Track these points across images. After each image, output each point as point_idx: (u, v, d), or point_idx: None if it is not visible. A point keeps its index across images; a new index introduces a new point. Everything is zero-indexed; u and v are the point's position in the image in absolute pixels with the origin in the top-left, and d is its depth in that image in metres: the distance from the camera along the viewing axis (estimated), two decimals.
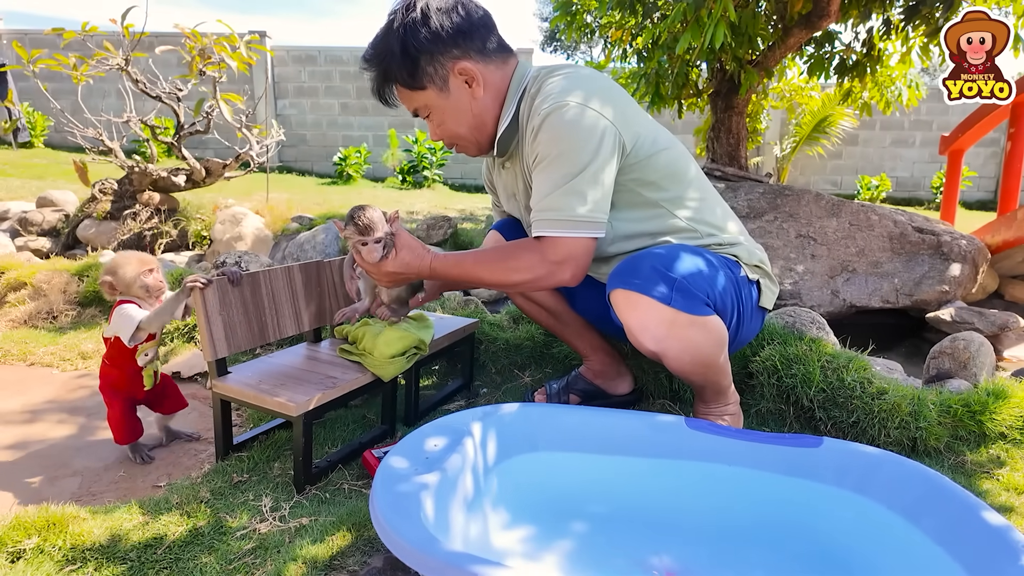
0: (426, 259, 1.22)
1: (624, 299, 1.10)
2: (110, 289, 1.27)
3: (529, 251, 1.14)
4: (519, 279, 1.16)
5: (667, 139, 1.20)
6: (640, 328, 1.10)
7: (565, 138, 1.07)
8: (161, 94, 3.35)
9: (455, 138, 1.20)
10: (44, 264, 2.33)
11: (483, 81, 1.13)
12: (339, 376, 1.23)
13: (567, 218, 1.09)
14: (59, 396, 1.59)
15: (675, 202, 1.20)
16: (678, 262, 1.10)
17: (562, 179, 1.08)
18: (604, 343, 1.53)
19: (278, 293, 1.30)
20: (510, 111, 1.17)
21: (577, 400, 1.52)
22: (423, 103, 1.15)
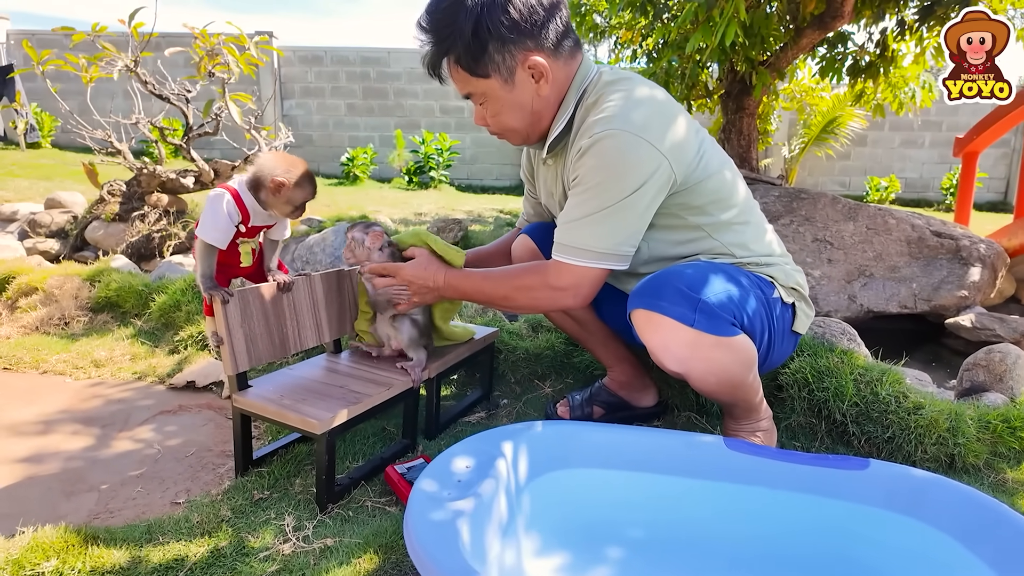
0: (439, 272, 1.20)
1: (645, 320, 1.06)
2: (252, 176, 1.15)
3: (535, 273, 1.13)
4: (521, 300, 1.14)
5: (719, 162, 1.16)
6: (661, 349, 1.07)
7: (611, 168, 1.02)
8: (170, 95, 3.33)
9: (505, 130, 1.17)
10: (55, 269, 2.31)
11: (551, 78, 1.09)
12: (362, 391, 1.20)
13: (585, 248, 1.06)
14: (73, 406, 1.56)
15: (717, 226, 1.16)
16: (703, 281, 1.06)
17: (594, 209, 1.04)
18: (629, 354, 1.49)
19: (299, 303, 1.27)
20: (567, 113, 1.13)
21: (600, 412, 1.48)
22: (481, 91, 1.09)
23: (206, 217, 1.13)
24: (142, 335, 1.98)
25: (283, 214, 1.21)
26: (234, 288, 1.15)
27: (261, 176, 1.15)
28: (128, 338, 1.96)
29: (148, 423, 1.48)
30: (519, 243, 1.43)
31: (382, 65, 8.61)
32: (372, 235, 1.26)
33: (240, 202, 1.15)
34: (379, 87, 8.62)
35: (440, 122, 8.64)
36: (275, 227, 1.26)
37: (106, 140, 3.32)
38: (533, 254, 1.38)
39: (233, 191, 1.14)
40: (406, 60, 8.60)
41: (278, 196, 1.15)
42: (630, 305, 1.09)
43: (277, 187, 1.14)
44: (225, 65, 3.29)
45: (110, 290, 2.10)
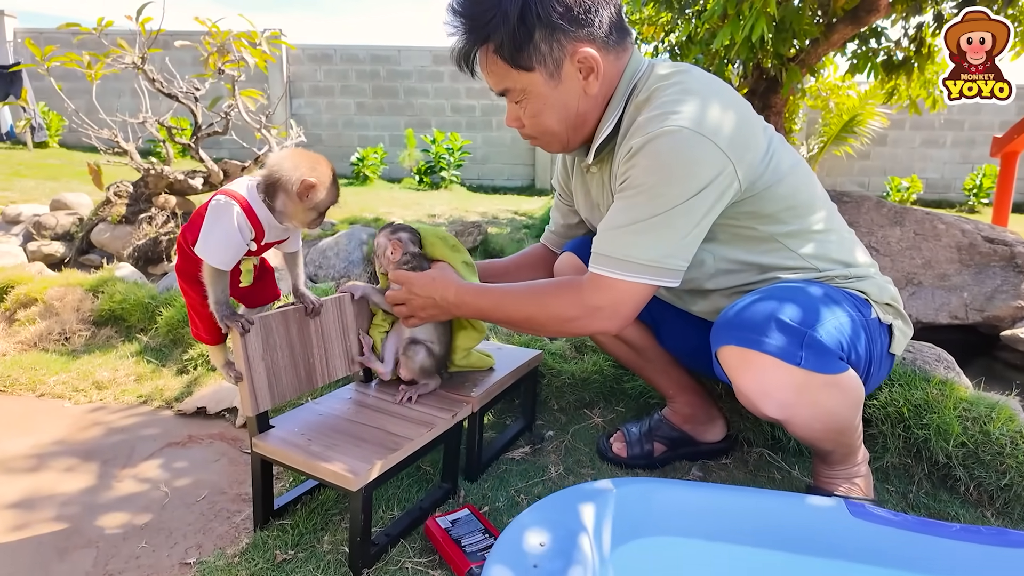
0: (450, 286, 1.05)
1: (739, 359, 0.90)
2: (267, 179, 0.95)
3: (568, 289, 0.97)
4: (548, 321, 0.98)
5: (790, 161, 0.99)
6: (759, 393, 0.90)
7: (666, 169, 0.87)
8: (178, 93, 3.20)
9: (543, 133, 1.01)
10: (56, 279, 2.16)
11: (601, 73, 0.94)
12: (400, 432, 1.03)
13: (628, 259, 0.90)
14: (70, 436, 1.41)
15: (794, 236, 1.00)
16: (804, 307, 0.89)
17: (644, 215, 0.89)
18: (693, 382, 1.32)
19: (328, 329, 1.11)
20: (615, 113, 0.97)
21: (662, 449, 1.31)
22: (520, 86, 0.95)
23: (211, 235, 0.91)
24: (148, 352, 1.82)
25: (304, 222, 0.99)
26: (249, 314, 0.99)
27: (283, 178, 0.94)
28: (133, 356, 1.80)
29: (154, 457, 1.32)
30: (563, 261, 1.27)
31: (392, 63, 8.48)
32: (393, 244, 1.12)
33: (252, 215, 0.94)
34: (389, 86, 8.49)
35: (451, 121, 8.51)
36: (290, 239, 1.07)
37: (112, 140, 3.19)
38: (579, 272, 1.21)
39: (242, 201, 0.93)
40: (416, 58, 8.47)
41: (305, 201, 0.95)
42: (717, 340, 0.93)
43: (307, 189, 0.94)
44: (235, 63, 3.16)
45: (114, 302, 1.95)
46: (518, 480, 1.22)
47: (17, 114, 7.31)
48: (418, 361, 1.16)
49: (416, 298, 1.09)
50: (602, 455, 1.32)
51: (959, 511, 1.14)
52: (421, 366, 1.16)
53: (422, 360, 1.16)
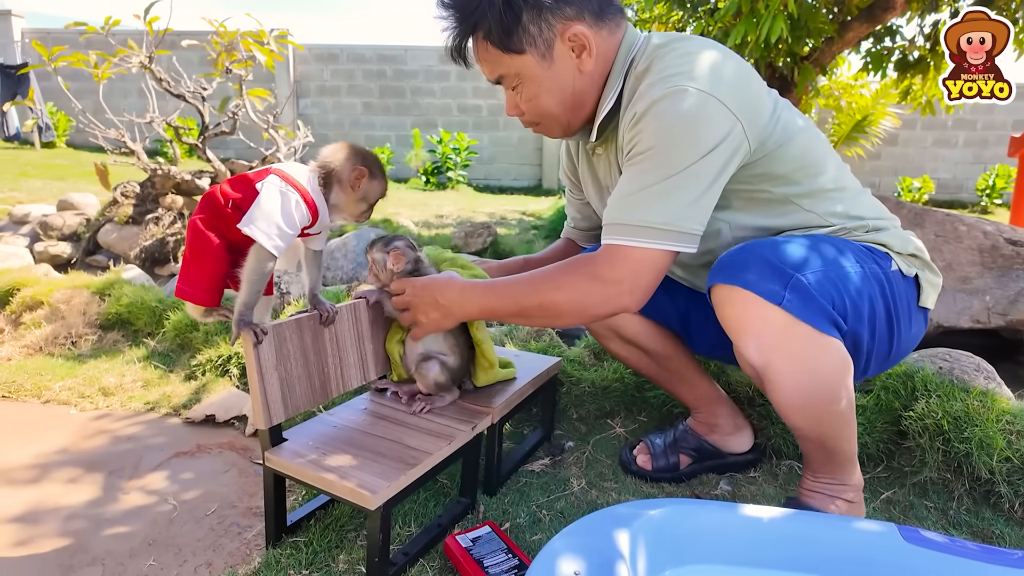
0: (452, 284, 1.02)
1: (725, 296, 0.89)
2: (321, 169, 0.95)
3: (579, 266, 0.93)
4: (562, 304, 0.93)
5: (798, 124, 0.97)
6: (739, 331, 0.89)
7: (674, 130, 0.85)
8: (185, 93, 3.17)
9: (542, 117, 0.99)
10: (62, 281, 2.13)
11: (594, 51, 0.92)
12: (419, 446, 0.98)
13: (641, 223, 0.86)
14: (75, 444, 1.37)
15: (809, 196, 0.97)
16: (799, 254, 0.88)
17: (655, 179, 0.86)
18: (717, 392, 1.27)
19: (342, 336, 1.06)
20: (615, 88, 0.95)
21: (688, 461, 1.26)
22: (514, 71, 0.94)
23: (271, 217, 0.87)
24: (155, 357, 1.78)
25: (354, 214, 1.00)
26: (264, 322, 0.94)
27: (337, 167, 0.96)
28: (140, 361, 1.76)
29: (161, 468, 1.28)
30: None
31: (399, 63, 8.45)
32: (393, 255, 1.05)
33: (311, 204, 0.93)
34: (396, 85, 8.47)
35: (458, 121, 8.48)
36: (318, 235, 1.03)
37: (119, 140, 3.17)
38: None
39: (300, 187, 0.91)
40: (423, 58, 8.44)
41: (356, 191, 0.97)
42: (709, 279, 0.91)
43: (360, 177, 0.96)
44: (243, 62, 3.13)
45: (121, 306, 1.91)
46: (539, 494, 1.17)
47: (25, 114, 7.33)
48: (431, 377, 1.11)
49: (417, 300, 1.04)
50: (625, 467, 1.27)
51: (1003, 530, 1.09)
52: (435, 381, 1.11)
53: (435, 375, 1.11)
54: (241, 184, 0.92)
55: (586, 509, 1.13)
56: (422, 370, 1.11)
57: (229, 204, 0.89)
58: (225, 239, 0.91)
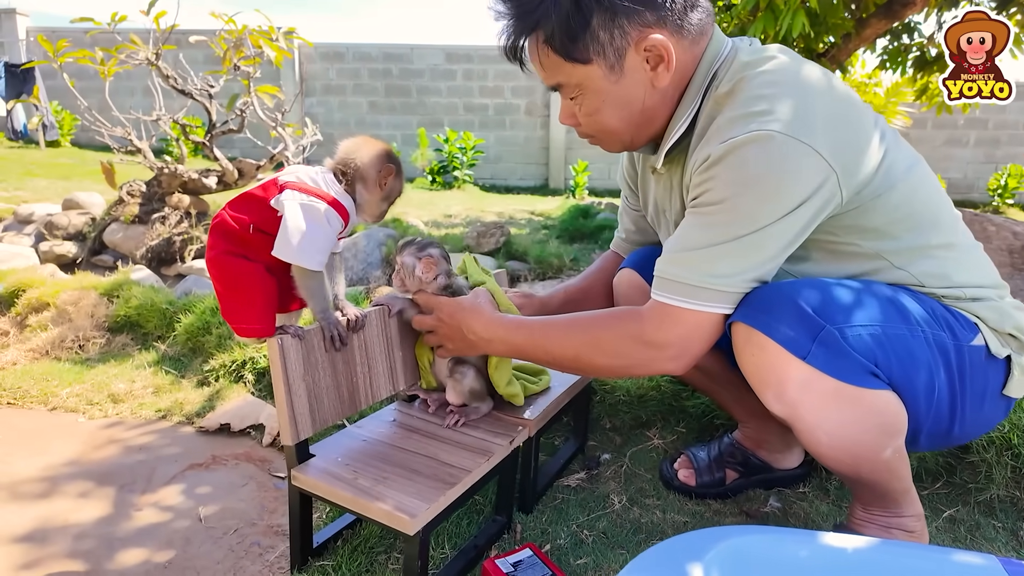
0: (479, 317, 0.93)
1: (744, 337, 0.79)
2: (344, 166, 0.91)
3: (626, 322, 0.84)
4: (602, 361, 0.86)
5: (906, 162, 0.83)
6: (760, 378, 0.80)
7: (755, 184, 0.74)
8: (192, 90, 3.11)
9: (602, 132, 0.89)
10: (69, 281, 2.06)
11: (673, 63, 0.80)
12: (455, 462, 0.91)
13: (701, 284, 0.77)
14: (85, 455, 1.30)
15: (906, 252, 0.84)
16: (843, 303, 0.77)
17: (725, 236, 0.76)
18: None
19: (371, 344, 0.99)
20: (690, 109, 0.83)
21: (734, 476, 1.18)
22: (575, 81, 0.82)
23: (303, 236, 0.82)
24: (166, 362, 1.71)
25: (375, 214, 0.95)
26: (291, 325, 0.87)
27: (361, 165, 0.90)
28: (150, 365, 1.70)
29: (176, 481, 1.21)
30: (622, 280, 1.13)
31: (405, 62, 8.40)
32: (425, 262, 0.97)
33: (340, 207, 0.88)
34: (402, 84, 8.41)
35: (464, 120, 8.42)
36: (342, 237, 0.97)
37: (125, 138, 3.11)
38: (644, 295, 1.08)
39: (323, 195, 0.86)
40: (429, 56, 8.39)
41: (382, 189, 0.92)
42: (732, 314, 0.80)
43: (387, 175, 0.92)
44: (251, 59, 3.08)
45: (130, 307, 1.85)
46: (578, 512, 1.10)
47: (31, 112, 7.29)
48: (467, 384, 1.04)
49: (444, 326, 0.97)
50: (667, 483, 1.19)
51: None
52: (471, 389, 1.04)
53: (471, 383, 1.04)
54: (250, 205, 0.86)
55: (629, 529, 1.06)
56: (457, 376, 1.04)
57: (251, 229, 0.84)
58: (259, 262, 0.85)
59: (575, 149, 8.52)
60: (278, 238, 0.83)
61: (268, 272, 0.85)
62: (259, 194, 0.86)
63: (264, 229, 0.84)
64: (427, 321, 0.99)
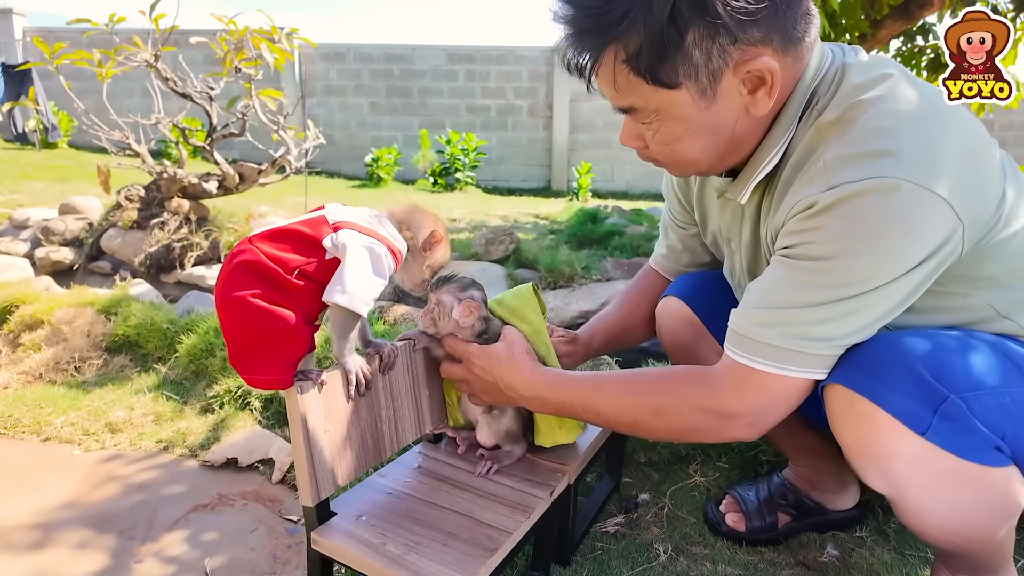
0: (519, 372, 0.84)
1: (846, 404, 0.68)
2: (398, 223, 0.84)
3: (694, 388, 0.74)
4: (665, 429, 0.78)
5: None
6: (863, 452, 0.70)
7: (872, 240, 0.62)
8: (192, 92, 3.01)
9: (677, 162, 0.76)
10: (65, 297, 1.96)
11: (775, 88, 0.67)
12: (493, 521, 0.82)
13: (791, 348, 0.67)
14: (81, 496, 1.20)
15: (1018, 304, 0.74)
16: (965, 364, 0.67)
17: (829, 297, 0.65)
18: (822, 444, 1.10)
19: (396, 383, 0.89)
20: (785, 136, 0.72)
21: (787, 520, 1.09)
22: (654, 106, 0.69)
23: (367, 279, 0.75)
24: (167, 386, 1.62)
25: (415, 281, 0.89)
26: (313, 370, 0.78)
27: (414, 228, 0.85)
28: (151, 390, 1.60)
29: (179, 527, 1.11)
30: (668, 311, 1.02)
31: (406, 62, 8.30)
32: (465, 306, 0.88)
33: (396, 255, 0.81)
34: (403, 85, 8.32)
35: (466, 121, 8.34)
36: None
37: (123, 141, 3.01)
38: (693, 329, 0.99)
39: (382, 238, 0.79)
40: (431, 57, 8.30)
41: (426, 256, 0.86)
42: (831, 376, 0.70)
43: (436, 241, 0.86)
44: (252, 61, 2.98)
45: (129, 327, 1.75)
46: (621, 565, 1.00)
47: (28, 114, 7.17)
48: (504, 423, 0.95)
49: (477, 380, 0.88)
50: (714, 528, 1.10)
51: None
52: (507, 430, 0.95)
53: (508, 423, 0.95)
54: (295, 244, 0.75)
55: None
56: (495, 413, 0.94)
57: (295, 274, 0.73)
58: (296, 311, 0.74)
59: (578, 151, 8.43)
60: (334, 281, 0.74)
61: (304, 324, 0.75)
62: (307, 232, 0.75)
63: (310, 274, 0.74)
64: (456, 371, 0.90)
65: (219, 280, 0.74)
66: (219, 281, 0.74)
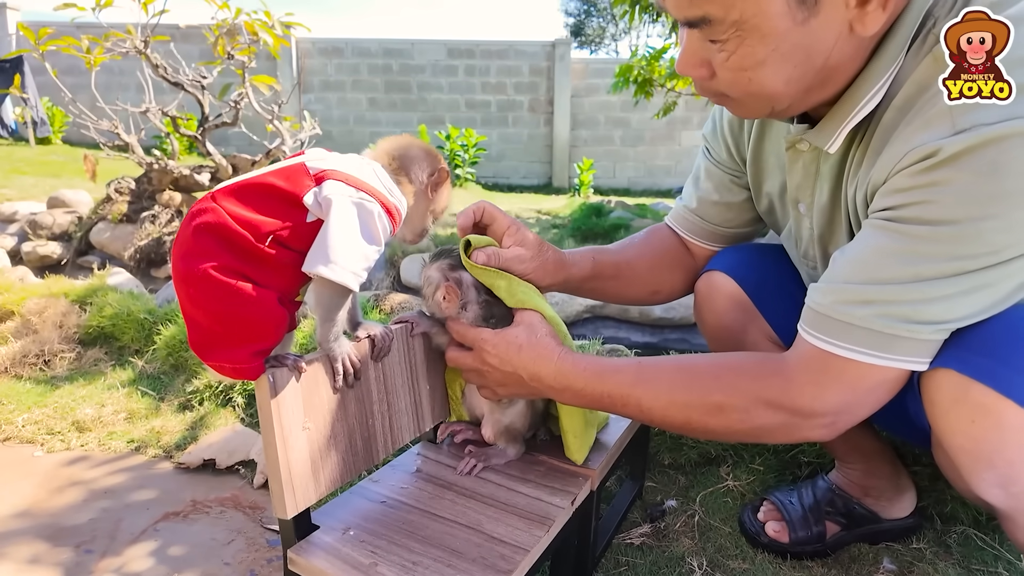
0: (547, 360, 0.70)
1: (957, 392, 0.55)
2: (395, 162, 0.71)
3: (762, 381, 0.62)
4: (722, 428, 0.64)
5: None
6: (981, 454, 0.56)
7: (1008, 199, 0.51)
8: (184, 81, 2.89)
9: (750, 95, 0.61)
10: (38, 287, 1.83)
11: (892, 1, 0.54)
12: (506, 535, 0.69)
13: (895, 332, 0.55)
14: (38, 503, 1.07)
15: None
16: None
17: (943, 270, 0.53)
18: (878, 444, 0.97)
19: (391, 374, 0.76)
20: (888, 69, 0.58)
21: (836, 529, 0.96)
22: (735, 16, 0.55)
23: (356, 243, 0.61)
24: (143, 381, 1.48)
25: (416, 231, 0.76)
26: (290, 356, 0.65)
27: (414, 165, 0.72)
28: (125, 385, 1.47)
29: (145, 537, 0.98)
30: (713, 289, 0.87)
31: (405, 57, 8.19)
32: (447, 290, 0.74)
33: (392, 212, 0.67)
34: (402, 80, 8.21)
35: (465, 117, 8.23)
36: None
37: (113, 131, 2.89)
38: (742, 311, 0.84)
39: (375, 192, 0.64)
40: (430, 52, 8.19)
41: (430, 198, 0.74)
42: (938, 359, 0.57)
43: (440, 181, 0.73)
44: (246, 49, 2.87)
45: (103, 317, 1.62)
46: None
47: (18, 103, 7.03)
48: (508, 416, 0.82)
49: (493, 371, 0.74)
50: (753, 539, 0.97)
51: None
52: (509, 425, 0.82)
53: (513, 417, 0.82)
54: (268, 202, 0.60)
55: None
56: (502, 403, 0.81)
57: (268, 241, 0.59)
58: (270, 288, 0.60)
59: (579, 147, 8.31)
60: (316, 246, 0.60)
61: (280, 303, 0.61)
62: (283, 187, 0.60)
63: (286, 242, 0.60)
64: (466, 361, 0.76)
65: (175, 247, 0.60)
66: (176, 249, 0.60)
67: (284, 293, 0.63)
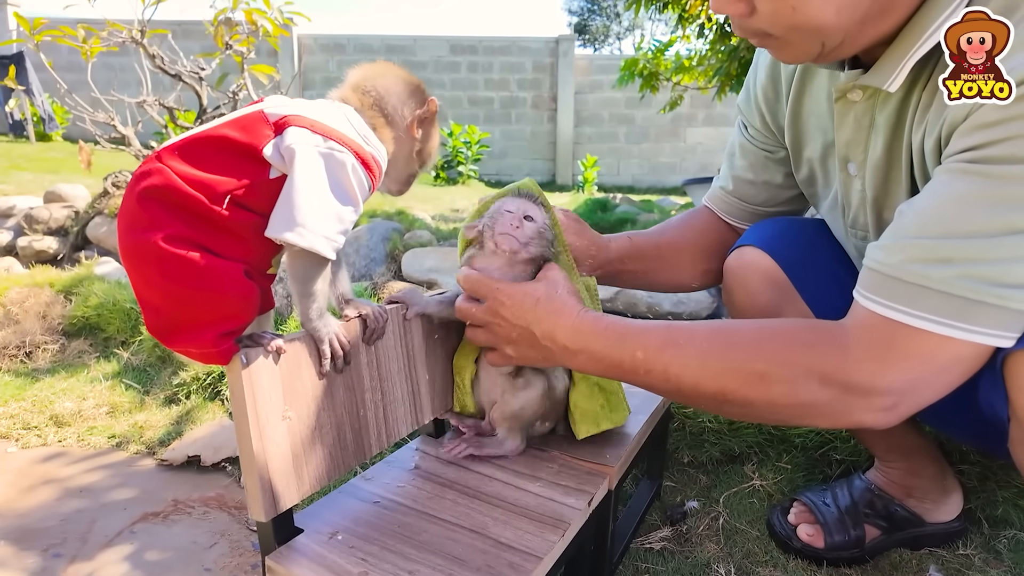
0: (565, 316, 0.61)
1: None
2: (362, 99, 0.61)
3: (814, 350, 0.52)
4: (763, 403, 0.54)
5: None
6: None
7: None
8: (182, 72, 2.83)
9: (797, 30, 0.52)
10: (22, 277, 1.76)
11: None
12: (515, 540, 0.60)
13: (979, 298, 0.46)
14: (7, 503, 0.99)
15: None
16: None
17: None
18: (925, 439, 0.88)
19: (386, 359, 0.68)
20: (946, 7, 0.50)
21: (875, 533, 0.88)
22: None
23: (327, 201, 0.53)
24: (128, 374, 1.41)
25: (400, 179, 0.67)
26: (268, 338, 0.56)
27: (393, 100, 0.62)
28: (109, 378, 1.39)
29: (120, 540, 0.90)
30: (746, 265, 0.78)
31: (408, 54, 8.13)
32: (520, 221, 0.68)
33: (369, 164, 0.57)
34: None
35: (468, 114, 8.17)
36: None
37: (109, 123, 2.83)
38: (777, 289, 0.75)
39: (347, 141, 0.55)
40: (433, 48, 8.13)
41: (416, 138, 0.64)
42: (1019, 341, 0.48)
43: (426, 117, 0.64)
44: (245, 40, 2.80)
45: (88, 307, 1.54)
46: None
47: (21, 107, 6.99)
48: (521, 399, 0.73)
49: (503, 324, 0.65)
50: (784, 544, 0.88)
51: None
52: (520, 409, 0.74)
53: (527, 401, 0.74)
54: (222, 157, 0.51)
55: None
56: (519, 382, 0.73)
57: (226, 202, 0.50)
58: (234, 260, 0.52)
59: (583, 144, 8.22)
60: (279, 207, 0.52)
61: (246, 276, 0.52)
62: (239, 139, 0.52)
63: (247, 203, 0.52)
64: (475, 313, 0.67)
65: (120, 218, 0.51)
66: (120, 220, 0.51)
67: (251, 264, 0.54)
